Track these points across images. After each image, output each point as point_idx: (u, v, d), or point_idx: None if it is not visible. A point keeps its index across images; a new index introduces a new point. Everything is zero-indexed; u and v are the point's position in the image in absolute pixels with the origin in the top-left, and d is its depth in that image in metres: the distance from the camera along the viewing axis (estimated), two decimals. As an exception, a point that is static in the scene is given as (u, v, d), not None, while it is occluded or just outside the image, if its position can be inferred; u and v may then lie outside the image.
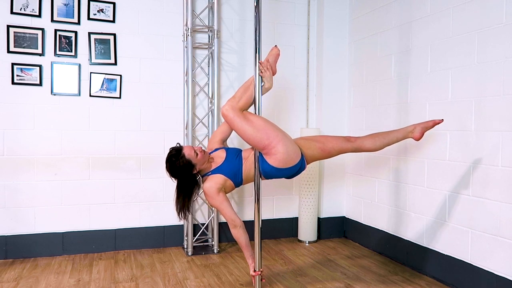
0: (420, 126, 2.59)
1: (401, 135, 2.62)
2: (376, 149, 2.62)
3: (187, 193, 2.57)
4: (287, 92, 4.10)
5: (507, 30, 2.46)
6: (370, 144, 2.60)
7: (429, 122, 2.61)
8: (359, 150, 2.62)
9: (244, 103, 2.44)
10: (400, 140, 2.63)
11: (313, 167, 3.86)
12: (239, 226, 2.52)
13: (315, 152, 2.60)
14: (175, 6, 3.74)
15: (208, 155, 2.58)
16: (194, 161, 2.50)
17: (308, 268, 3.26)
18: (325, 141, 2.61)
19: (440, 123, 2.61)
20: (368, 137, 2.63)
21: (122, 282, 2.96)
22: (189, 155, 2.49)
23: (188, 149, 2.52)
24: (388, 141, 2.61)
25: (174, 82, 3.76)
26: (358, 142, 2.60)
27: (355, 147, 2.60)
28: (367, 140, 2.61)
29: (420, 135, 2.58)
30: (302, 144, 2.61)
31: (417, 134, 2.58)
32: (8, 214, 3.39)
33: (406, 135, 2.61)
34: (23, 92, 3.40)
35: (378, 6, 3.60)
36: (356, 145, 2.60)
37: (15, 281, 2.95)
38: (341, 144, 2.59)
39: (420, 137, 2.59)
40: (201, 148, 2.55)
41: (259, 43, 2.41)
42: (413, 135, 2.59)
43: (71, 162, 3.53)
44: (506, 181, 2.47)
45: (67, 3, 3.47)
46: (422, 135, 2.59)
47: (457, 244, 2.81)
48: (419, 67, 3.14)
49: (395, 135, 2.62)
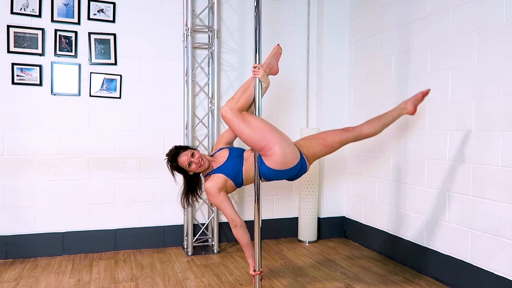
0: (411, 101, 2.64)
1: (396, 113, 2.66)
2: (376, 132, 2.64)
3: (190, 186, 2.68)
4: (287, 92, 4.10)
5: (507, 30, 2.46)
6: (369, 129, 2.63)
7: (418, 94, 2.66)
8: (359, 137, 2.64)
9: (243, 103, 2.44)
10: (396, 119, 2.66)
11: (313, 167, 3.86)
12: (240, 226, 2.53)
13: (318, 149, 2.61)
14: (175, 6, 3.74)
15: (208, 162, 2.61)
16: (186, 170, 2.59)
17: (308, 268, 3.26)
18: (325, 136, 2.63)
19: (428, 92, 2.66)
20: (366, 123, 2.67)
21: (122, 282, 2.96)
22: (182, 165, 2.57)
23: (184, 159, 2.56)
24: (385, 122, 2.64)
25: (174, 82, 3.76)
26: (357, 130, 2.63)
27: (355, 135, 2.62)
28: (365, 126, 2.64)
29: (413, 108, 2.63)
30: (303, 144, 2.61)
31: (410, 108, 2.63)
32: (8, 214, 3.40)
33: (400, 112, 2.66)
34: (23, 92, 3.40)
35: (378, 6, 3.60)
36: (355, 133, 2.62)
37: (15, 281, 2.95)
38: (341, 135, 2.61)
39: (414, 111, 2.64)
40: (198, 160, 2.55)
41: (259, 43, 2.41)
42: (407, 111, 2.65)
43: (71, 162, 3.53)
44: (506, 181, 2.47)
45: (67, 3, 3.47)
46: (415, 109, 2.64)
47: (457, 244, 2.81)
48: (419, 67, 3.14)
49: (391, 115, 2.66)
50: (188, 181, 2.68)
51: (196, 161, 2.55)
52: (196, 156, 2.56)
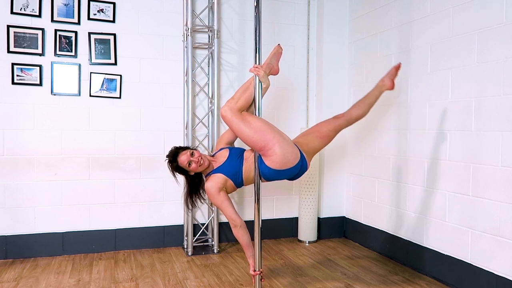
0: (387, 77, 2.77)
1: (377, 91, 2.75)
2: (364, 113, 2.74)
3: (191, 186, 2.69)
4: (287, 92, 4.10)
5: (507, 30, 2.46)
6: (357, 111, 2.73)
7: (392, 69, 2.79)
8: (351, 121, 2.73)
9: (242, 103, 2.44)
10: (379, 97, 2.77)
11: (313, 168, 3.86)
12: (240, 226, 2.53)
13: (316, 143, 2.66)
14: (175, 6, 3.74)
15: (208, 162, 2.61)
16: (186, 169, 2.59)
17: (308, 268, 3.26)
18: (319, 128, 2.70)
19: (400, 66, 2.80)
20: (353, 107, 2.76)
21: (122, 282, 2.96)
22: (182, 164, 2.58)
23: (183, 158, 2.57)
24: (369, 102, 2.74)
25: (174, 82, 3.76)
26: (346, 115, 2.72)
27: (346, 120, 2.71)
28: (353, 110, 2.74)
29: (391, 83, 2.75)
30: (301, 141, 2.63)
31: (388, 84, 2.75)
32: (8, 214, 3.40)
33: (380, 89, 2.76)
34: (23, 92, 3.40)
35: (378, 6, 3.60)
36: (346, 117, 2.71)
37: (15, 281, 2.95)
38: (334, 123, 2.69)
39: (392, 85, 2.76)
40: (197, 160, 2.55)
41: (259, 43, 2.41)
42: (387, 87, 2.75)
43: (71, 162, 3.53)
44: (506, 181, 2.47)
45: (67, 3, 3.47)
46: (393, 83, 2.76)
47: (457, 244, 2.81)
48: (419, 67, 3.14)
49: (373, 94, 2.76)
50: (190, 182, 2.68)
51: (195, 160, 2.55)
52: (196, 155, 2.57)
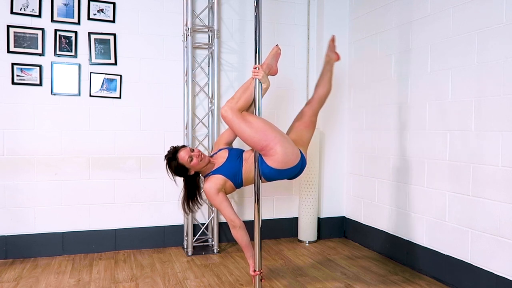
0: (329, 51, 2.87)
1: (328, 66, 2.85)
2: (329, 89, 2.83)
3: (189, 191, 2.66)
4: (287, 92, 4.10)
5: (507, 30, 2.46)
6: (322, 90, 2.81)
7: (329, 43, 2.90)
8: (322, 100, 2.83)
9: (243, 103, 2.44)
10: (332, 70, 2.86)
11: (313, 168, 3.86)
12: (239, 227, 2.52)
13: (305, 133, 2.72)
14: (175, 6, 3.74)
15: (208, 159, 2.60)
16: (188, 166, 2.55)
17: (308, 268, 3.27)
18: (300, 118, 2.76)
19: (334, 38, 2.92)
20: (317, 88, 2.84)
21: (122, 282, 2.96)
22: (182, 160, 2.54)
23: (183, 154, 2.55)
24: (328, 77, 2.83)
25: (174, 82, 3.76)
26: (316, 97, 2.80)
27: (318, 101, 2.80)
28: (319, 90, 2.82)
29: (335, 55, 2.85)
30: (296, 139, 2.65)
31: (334, 56, 2.85)
32: (8, 214, 3.40)
33: (329, 62, 2.85)
34: (23, 92, 3.40)
35: (378, 6, 3.60)
36: (316, 99, 2.80)
37: (15, 281, 2.95)
38: (311, 109, 2.78)
39: (337, 56, 2.86)
40: (198, 154, 2.55)
41: (259, 43, 2.41)
42: (335, 59, 2.86)
43: (71, 162, 3.53)
44: (506, 181, 2.47)
45: (67, 3, 3.47)
46: (336, 53, 2.86)
47: (457, 244, 2.82)
48: (419, 67, 3.14)
49: (327, 70, 2.84)
50: (187, 185, 2.66)
51: (196, 154, 2.54)
52: (196, 150, 2.57)
